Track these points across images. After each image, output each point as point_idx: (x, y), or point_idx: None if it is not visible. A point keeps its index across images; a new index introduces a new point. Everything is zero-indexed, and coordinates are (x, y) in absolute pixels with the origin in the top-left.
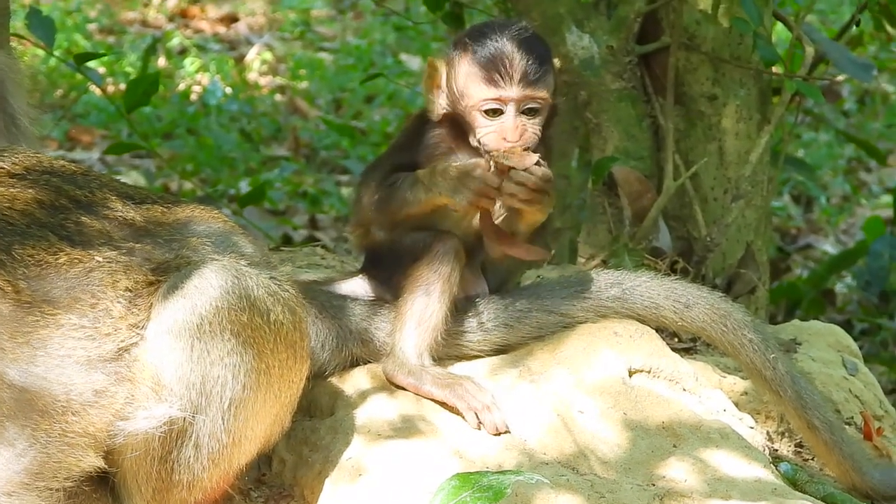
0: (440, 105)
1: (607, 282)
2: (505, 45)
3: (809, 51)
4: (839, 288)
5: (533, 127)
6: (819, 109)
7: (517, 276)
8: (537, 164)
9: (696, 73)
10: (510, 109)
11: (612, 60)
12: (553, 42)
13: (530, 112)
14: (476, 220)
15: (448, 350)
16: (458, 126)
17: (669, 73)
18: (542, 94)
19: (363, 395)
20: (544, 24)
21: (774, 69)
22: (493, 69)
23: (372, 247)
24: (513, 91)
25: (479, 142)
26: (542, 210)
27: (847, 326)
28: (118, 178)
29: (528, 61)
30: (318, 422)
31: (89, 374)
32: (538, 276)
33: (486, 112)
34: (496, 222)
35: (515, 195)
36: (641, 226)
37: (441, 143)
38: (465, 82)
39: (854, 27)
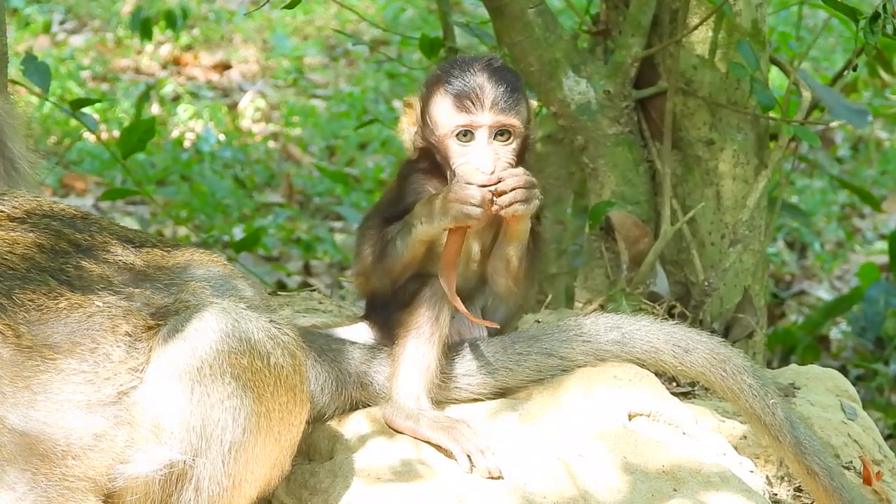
0: (417, 141)
1: (607, 326)
2: (475, 74)
3: (807, 95)
4: (834, 334)
5: (506, 154)
6: (813, 155)
7: (515, 321)
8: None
9: (693, 118)
10: (482, 135)
11: (609, 105)
12: (550, 87)
13: (503, 137)
14: (472, 262)
15: (448, 393)
16: (434, 163)
17: (666, 118)
18: (514, 121)
19: (363, 439)
20: (541, 70)
21: (771, 114)
22: (463, 96)
23: (372, 294)
24: (484, 117)
25: (454, 172)
26: (527, 212)
27: (842, 372)
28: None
29: (498, 88)
30: (317, 465)
31: (89, 418)
32: (536, 321)
33: (459, 137)
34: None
35: (505, 192)
36: (639, 270)
37: (422, 186)
38: (438, 111)
39: (851, 72)
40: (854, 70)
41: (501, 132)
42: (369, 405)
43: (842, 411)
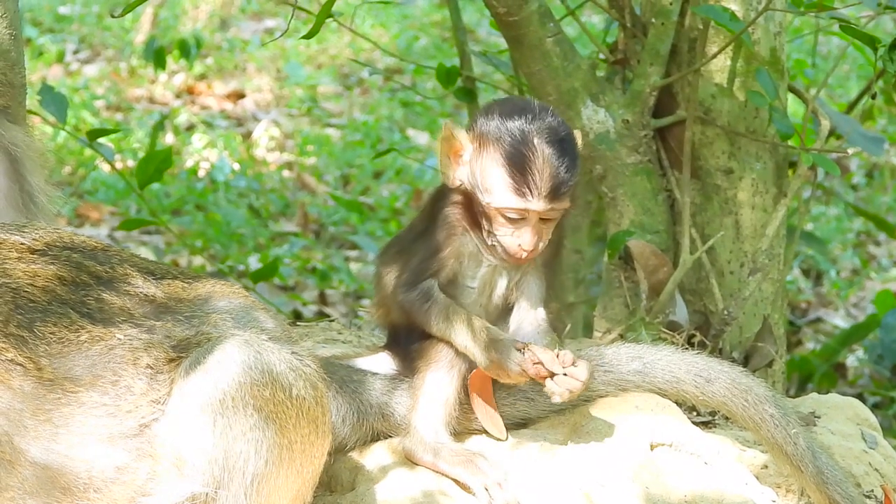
0: (458, 178)
1: (628, 356)
2: (538, 155)
3: (825, 124)
4: (850, 361)
5: (549, 230)
6: (829, 183)
7: None
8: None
9: (711, 147)
10: (532, 219)
11: (628, 134)
12: (568, 116)
13: (550, 218)
14: (497, 297)
15: (469, 424)
16: (472, 205)
17: (685, 147)
18: (566, 204)
19: (384, 470)
20: (559, 99)
21: (790, 142)
22: (522, 181)
23: (393, 325)
24: (539, 204)
25: (492, 234)
26: (561, 398)
27: (859, 400)
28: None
29: (558, 174)
30: (339, 497)
31: (111, 451)
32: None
33: (508, 215)
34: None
35: (553, 392)
36: (658, 300)
37: (456, 224)
38: (491, 181)
39: (870, 99)
40: (873, 98)
41: (551, 215)
42: (391, 436)
43: (862, 440)
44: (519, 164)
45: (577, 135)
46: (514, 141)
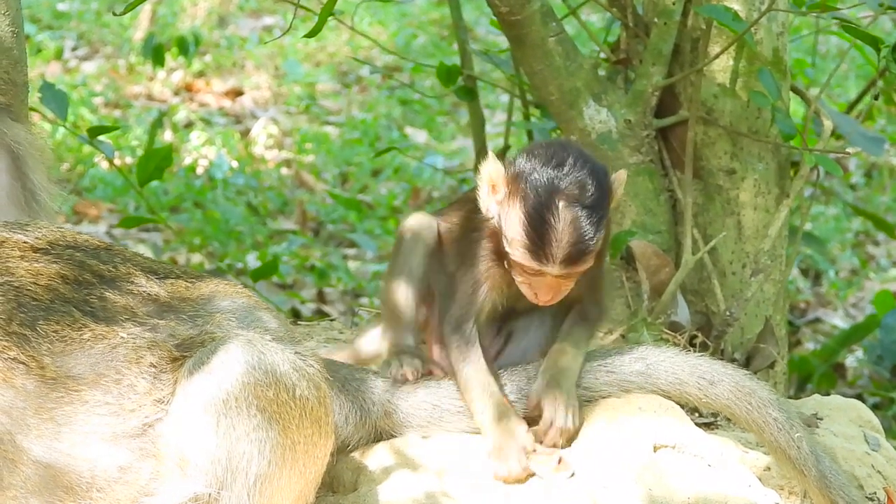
0: (491, 212)
1: (631, 357)
2: (559, 221)
3: (828, 124)
4: (850, 362)
5: (569, 285)
6: (828, 182)
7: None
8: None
9: (714, 147)
10: (549, 278)
11: (630, 134)
12: (570, 116)
13: (569, 276)
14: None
15: (471, 422)
16: (499, 241)
17: (687, 147)
18: (584, 268)
19: (386, 471)
20: (561, 98)
21: (792, 143)
22: (540, 245)
23: None
24: (555, 269)
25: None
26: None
27: (859, 400)
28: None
29: (578, 243)
30: (341, 497)
31: (114, 450)
32: None
33: (525, 270)
34: None
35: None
36: (660, 300)
37: (490, 255)
38: (512, 235)
39: (872, 100)
40: (875, 98)
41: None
42: (394, 435)
43: (865, 442)
44: (538, 229)
45: (621, 176)
46: (538, 202)
